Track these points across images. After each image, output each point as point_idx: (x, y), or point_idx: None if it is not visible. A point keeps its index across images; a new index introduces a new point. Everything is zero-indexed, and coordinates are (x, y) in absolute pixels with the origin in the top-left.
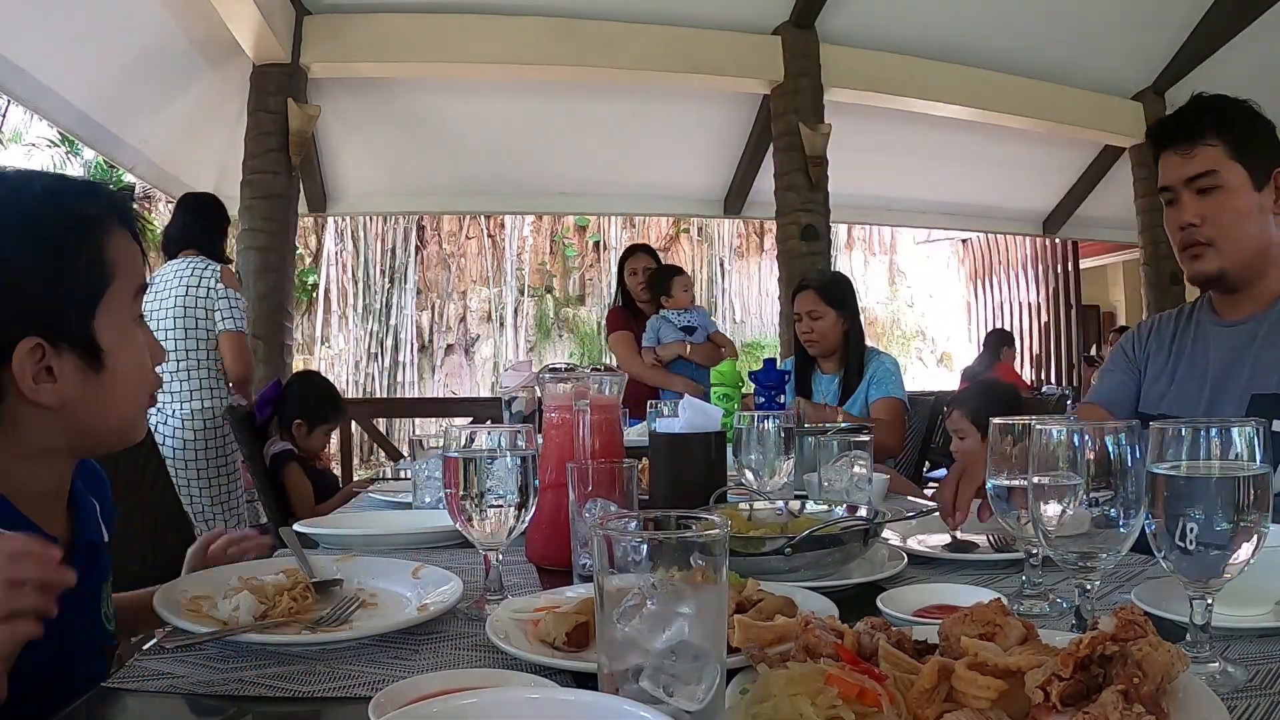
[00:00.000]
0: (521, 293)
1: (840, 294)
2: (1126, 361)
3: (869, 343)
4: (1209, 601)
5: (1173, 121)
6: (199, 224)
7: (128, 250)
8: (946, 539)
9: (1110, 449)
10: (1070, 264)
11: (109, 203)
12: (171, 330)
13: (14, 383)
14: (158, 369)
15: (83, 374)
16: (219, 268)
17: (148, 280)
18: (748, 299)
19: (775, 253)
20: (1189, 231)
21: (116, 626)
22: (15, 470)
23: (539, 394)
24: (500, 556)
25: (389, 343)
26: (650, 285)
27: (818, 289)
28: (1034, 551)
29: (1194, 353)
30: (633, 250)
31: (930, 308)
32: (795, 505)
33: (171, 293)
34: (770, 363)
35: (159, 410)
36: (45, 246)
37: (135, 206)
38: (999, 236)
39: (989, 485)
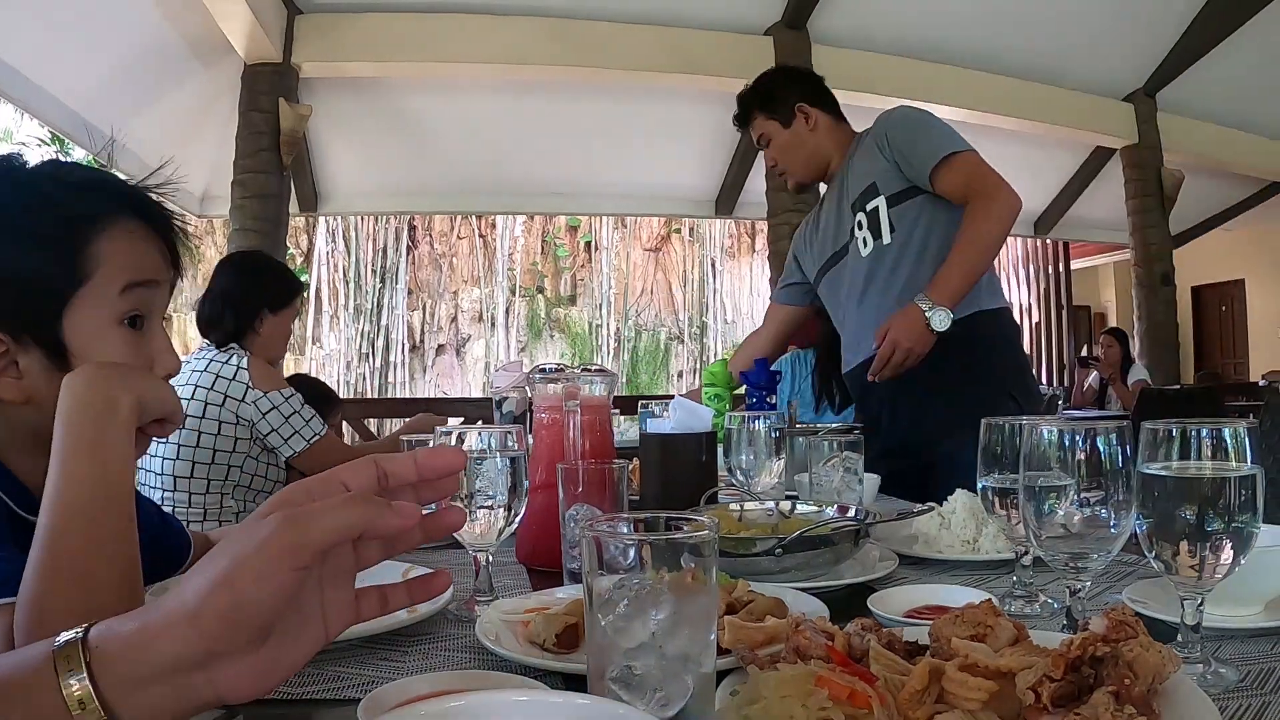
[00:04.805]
0: (513, 293)
1: None
2: (799, 263)
3: None
4: (1200, 602)
5: (738, 114)
6: None
7: (125, 245)
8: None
9: (1101, 449)
10: (1061, 265)
11: (114, 197)
12: None
13: None
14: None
15: (49, 373)
16: None
17: (161, 276)
18: (739, 299)
19: (767, 253)
20: (775, 169)
21: None
22: (16, 462)
23: (530, 394)
24: (490, 557)
25: (380, 343)
26: None
27: None
28: (1025, 552)
29: (819, 226)
30: None
31: None
32: (786, 506)
33: None
34: (761, 363)
35: None
36: (22, 241)
37: (162, 198)
38: None
39: (979, 485)
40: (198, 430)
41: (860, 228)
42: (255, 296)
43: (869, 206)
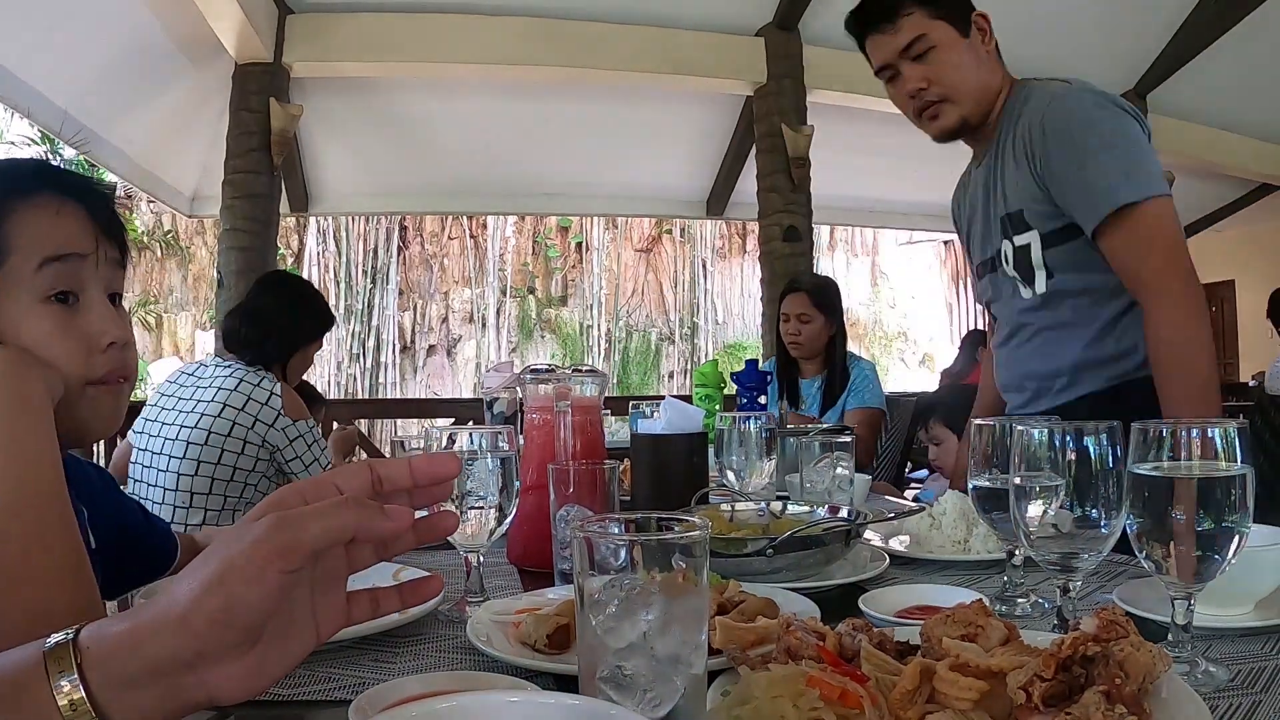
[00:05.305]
0: (503, 293)
1: (831, 299)
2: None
3: (848, 347)
4: (1190, 601)
5: (871, 4)
6: None
7: (37, 222)
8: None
9: (1091, 450)
10: None
11: (22, 176)
12: None
13: None
14: (119, 348)
15: None
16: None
17: (86, 249)
18: (730, 300)
19: (758, 254)
20: (919, 96)
21: None
22: None
23: (521, 395)
24: (481, 558)
25: (371, 343)
26: None
27: (810, 292)
28: (1016, 552)
29: (969, 202)
30: None
31: (912, 309)
32: (777, 506)
33: None
34: (752, 364)
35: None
36: None
37: (71, 170)
38: None
39: (970, 486)
40: (221, 448)
41: (1006, 261)
42: (294, 327)
43: (1019, 241)
